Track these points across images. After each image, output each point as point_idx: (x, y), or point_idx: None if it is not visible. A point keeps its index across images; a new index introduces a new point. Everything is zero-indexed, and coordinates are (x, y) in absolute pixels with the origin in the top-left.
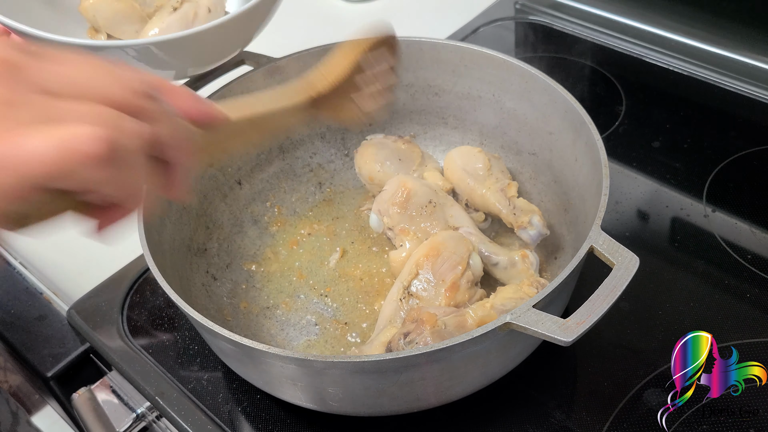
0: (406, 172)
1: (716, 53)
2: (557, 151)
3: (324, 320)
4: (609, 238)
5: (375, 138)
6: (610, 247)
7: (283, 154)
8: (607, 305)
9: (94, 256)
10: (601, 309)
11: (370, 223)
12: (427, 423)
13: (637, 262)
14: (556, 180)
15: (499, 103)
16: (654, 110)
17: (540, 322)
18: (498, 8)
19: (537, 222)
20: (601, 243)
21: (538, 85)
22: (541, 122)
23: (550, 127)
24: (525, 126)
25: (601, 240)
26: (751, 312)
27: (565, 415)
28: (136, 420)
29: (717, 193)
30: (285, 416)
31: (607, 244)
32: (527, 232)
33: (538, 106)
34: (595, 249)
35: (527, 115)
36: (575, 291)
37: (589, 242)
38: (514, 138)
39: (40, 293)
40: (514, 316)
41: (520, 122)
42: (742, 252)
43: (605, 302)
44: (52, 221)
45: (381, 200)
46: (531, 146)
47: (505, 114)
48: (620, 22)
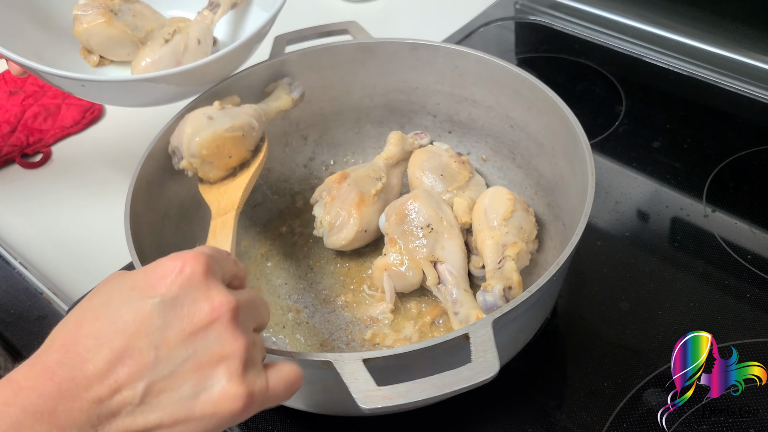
0: (443, 189)
1: (716, 53)
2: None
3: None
4: (490, 335)
5: (436, 147)
6: (483, 343)
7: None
8: (425, 396)
9: (94, 256)
10: (417, 396)
11: (379, 221)
12: (427, 422)
13: (493, 375)
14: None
15: (556, 157)
16: (654, 110)
17: (356, 375)
18: (498, 8)
19: (497, 292)
20: (479, 336)
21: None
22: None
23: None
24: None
25: (480, 333)
26: (751, 312)
27: (564, 415)
28: None
29: (717, 193)
30: (285, 416)
31: (482, 339)
32: (484, 296)
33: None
34: (470, 335)
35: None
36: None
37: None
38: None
39: (40, 293)
40: (336, 359)
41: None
42: (742, 252)
43: (426, 392)
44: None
45: (393, 204)
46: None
47: (559, 170)
48: (620, 22)
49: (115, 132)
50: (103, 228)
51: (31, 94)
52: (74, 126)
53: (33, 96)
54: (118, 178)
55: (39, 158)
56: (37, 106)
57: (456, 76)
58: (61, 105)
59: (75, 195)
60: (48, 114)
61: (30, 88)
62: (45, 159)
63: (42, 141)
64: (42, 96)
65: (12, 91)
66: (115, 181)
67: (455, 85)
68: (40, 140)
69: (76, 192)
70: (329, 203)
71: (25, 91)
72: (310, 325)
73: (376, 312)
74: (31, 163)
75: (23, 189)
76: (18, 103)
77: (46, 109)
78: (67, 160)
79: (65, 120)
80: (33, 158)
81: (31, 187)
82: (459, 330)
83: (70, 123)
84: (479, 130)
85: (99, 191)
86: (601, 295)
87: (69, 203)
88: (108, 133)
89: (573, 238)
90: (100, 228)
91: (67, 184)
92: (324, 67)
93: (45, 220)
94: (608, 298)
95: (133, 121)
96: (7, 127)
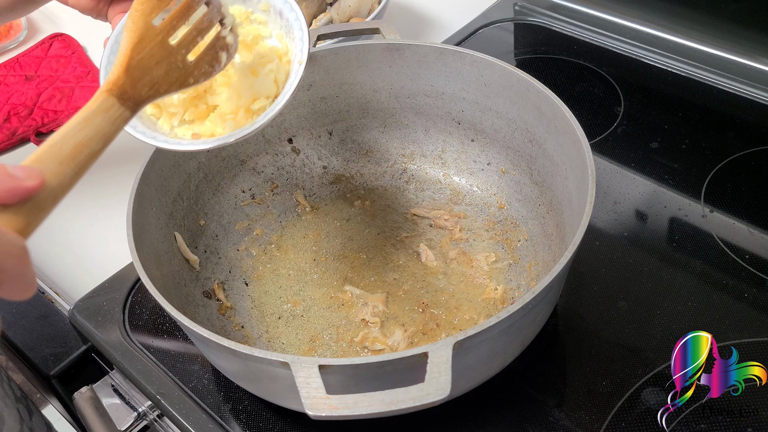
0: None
1: (715, 54)
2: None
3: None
4: (448, 356)
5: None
6: (439, 364)
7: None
8: (370, 410)
9: (96, 256)
10: (363, 409)
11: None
12: (426, 422)
13: (442, 398)
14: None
15: (567, 179)
16: (652, 111)
17: (309, 380)
18: (497, 10)
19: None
20: (436, 356)
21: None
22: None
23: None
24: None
25: (438, 354)
26: (750, 312)
27: (563, 414)
28: (138, 419)
29: (715, 194)
30: (286, 415)
31: (439, 360)
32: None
33: None
34: (429, 354)
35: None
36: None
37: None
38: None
39: (42, 293)
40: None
41: None
42: (740, 252)
43: (372, 407)
44: None
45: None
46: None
47: (568, 193)
48: (619, 23)
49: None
50: (104, 228)
51: (45, 78)
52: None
53: (48, 80)
54: (127, 168)
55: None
56: (52, 89)
57: (481, 86)
58: (74, 87)
59: (78, 189)
60: (62, 96)
61: (44, 72)
62: None
63: (57, 121)
64: (56, 80)
65: (28, 76)
66: (121, 173)
67: (480, 94)
68: (55, 120)
69: (78, 188)
70: None
71: (40, 76)
72: (305, 318)
73: (367, 314)
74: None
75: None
76: (33, 87)
77: (61, 91)
78: None
79: (79, 101)
80: (47, 137)
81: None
82: (418, 348)
83: (83, 104)
84: (501, 141)
85: (107, 179)
86: (600, 295)
87: (69, 202)
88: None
89: (570, 247)
90: (101, 228)
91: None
92: (353, 65)
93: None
94: (607, 297)
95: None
96: (24, 109)
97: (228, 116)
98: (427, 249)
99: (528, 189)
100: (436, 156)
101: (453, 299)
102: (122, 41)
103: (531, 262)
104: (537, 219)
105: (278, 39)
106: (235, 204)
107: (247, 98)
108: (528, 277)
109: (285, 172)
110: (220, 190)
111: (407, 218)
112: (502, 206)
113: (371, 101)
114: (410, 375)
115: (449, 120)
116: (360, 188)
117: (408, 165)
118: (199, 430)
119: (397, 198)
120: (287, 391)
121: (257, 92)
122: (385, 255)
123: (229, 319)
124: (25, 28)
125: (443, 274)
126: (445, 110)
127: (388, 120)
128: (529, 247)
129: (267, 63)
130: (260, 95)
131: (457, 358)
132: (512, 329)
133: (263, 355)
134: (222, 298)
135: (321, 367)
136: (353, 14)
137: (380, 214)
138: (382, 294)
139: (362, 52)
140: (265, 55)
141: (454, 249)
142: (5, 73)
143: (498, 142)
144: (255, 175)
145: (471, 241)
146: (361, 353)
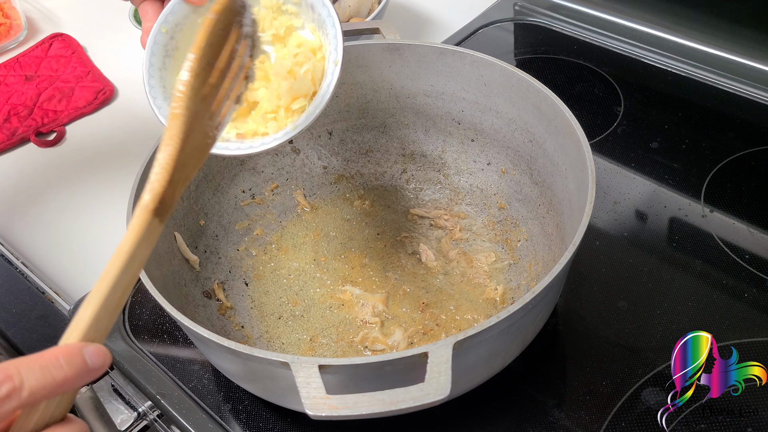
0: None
1: (714, 54)
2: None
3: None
4: (448, 356)
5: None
6: (439, 364)
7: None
8: (371, 411)
9: (96, 256)
10: (363, 409)
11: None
12: (426, 422)
13: (442, 398)
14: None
15: (567, 179)
16: (652, 111)
17: (309, 380)
18: (497, 10)
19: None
20: (436, 356)
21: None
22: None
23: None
24: None
25: (438, 353)
26: (750, 312)
27: (563, 414)
28: (138, 419)
29: (715, 194)
30: (286, 415)
31: (440, 360)
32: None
33: None
34: (429, 354)
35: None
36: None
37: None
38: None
39: (42, 293)
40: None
41: None
42: (740, 252)
43: (372, 407)
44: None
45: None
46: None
47: (568, 193)
48: (619, 23)
49: (126, 113)
50: (104, 228)
51: (45, 78)
52: (87, 106)
53: (48, 80)
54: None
55: (53, 137)
56: (52, 89)
57: (481, 86)
58: (74, 87)
59: (79, 189)
60: (62, 96)
61: (45, 72)
62: (59, 138)
63: (56, 121)
64: (56, 80)
65: (28, 76)
66: (121, 173)
67: (480, 94)
68: (55, 120)
69: (78, 188)
70: None
71: (40, 76)
72: (305, 318)
73: (367, 314)
74: (46, 141)
75: (35, 170)
76: (33, 87)
77: (61, 91)
78: (81, 139)
79: (78, 101)
80: (47, 137)
81: (45, 167)
82: (418, 348)
83: (83, 104)
84: (501, 141)
85: (107, 180)
86: (600, 295)
87: (71, 200)
88: (118, 115)
89: (570, 247)
90: (101, 228)
91: (77, 168)
92: (353, 65)
93: (47, 218)
94: (607, 297)
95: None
96: (24, 109)
97: (269, 116)
98: (427, 249)
99: (528, 189)
100: (436, 156)
101: (453, 299)
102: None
103: (531, 262)
104: (537, 219)
105: (311, 31)
106: (235, 204)
107: (287, 99)
108: (528, 277)
109: (285, 172)
110: (220, 190)
111: (407, 218)
112: (502, 206)
113: (371, 101)
114: (410, 375)
115: (449, 120)
116: (360, 188)
117: (408, 165)
118: (199, 430)
119: (397, 198)
120: (287, 391)
121: (296, 93)
122: (385, 255)
123: (229, 319)
124: (25, 28)
125: (443, 274)
126: (445, 110)
127: (388, 120)
128: (529, 247)
129: (303, 63)
130: (299, 95)
131: (457, 358)
132: (512, 329)
133: (263, 355)
134: (222, 298)
135: (321, 367)
136: (353, 14)
137: (380, 214)
138: (382, 294)
139: (362, 52)
140: (300, 53)
141: (454, 249)
142: (5, 73)
143: (498, 142)
144: (255, 175)
145: (471, 241)
146: (361, 353)
